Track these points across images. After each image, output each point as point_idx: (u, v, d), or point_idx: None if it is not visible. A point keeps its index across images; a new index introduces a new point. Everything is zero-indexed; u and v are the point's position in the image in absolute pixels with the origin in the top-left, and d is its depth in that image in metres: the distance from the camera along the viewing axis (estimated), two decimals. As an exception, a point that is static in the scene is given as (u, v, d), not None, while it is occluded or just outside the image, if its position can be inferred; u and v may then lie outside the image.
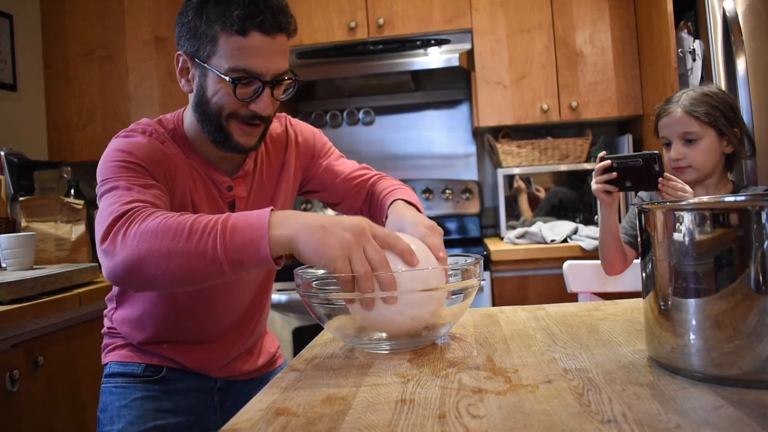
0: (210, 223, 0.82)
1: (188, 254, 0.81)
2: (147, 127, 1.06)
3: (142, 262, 0.82)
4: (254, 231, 0.80)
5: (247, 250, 0.80)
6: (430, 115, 3.09)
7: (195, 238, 0.81)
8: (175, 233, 0.82)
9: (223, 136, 1.03)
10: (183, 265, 0.81)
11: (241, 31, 0.95)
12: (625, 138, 2.66)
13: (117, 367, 1.16)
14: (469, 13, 2.63)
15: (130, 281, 0.86)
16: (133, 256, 0.83)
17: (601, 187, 1.50)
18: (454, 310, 0.88)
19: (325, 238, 0.79)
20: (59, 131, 2.78)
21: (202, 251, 0.80)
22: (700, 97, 1.52)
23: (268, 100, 1.01)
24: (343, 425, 0.59)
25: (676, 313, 0.66)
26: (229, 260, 0.80)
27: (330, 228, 0.80)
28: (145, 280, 0.84)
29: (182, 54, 1.03)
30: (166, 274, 0.82)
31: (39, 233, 1.98)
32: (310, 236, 0.79)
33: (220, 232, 0.81)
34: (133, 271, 0.84)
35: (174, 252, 0.81)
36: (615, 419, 0.56)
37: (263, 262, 0.81)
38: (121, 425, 1.11)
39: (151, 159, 1.00)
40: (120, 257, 0.84)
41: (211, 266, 0.81)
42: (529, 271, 2.31)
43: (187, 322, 1.14)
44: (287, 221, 0.81)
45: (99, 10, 2.77)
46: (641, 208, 0.71)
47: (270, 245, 0.80)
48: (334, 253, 0.78)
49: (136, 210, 0.87)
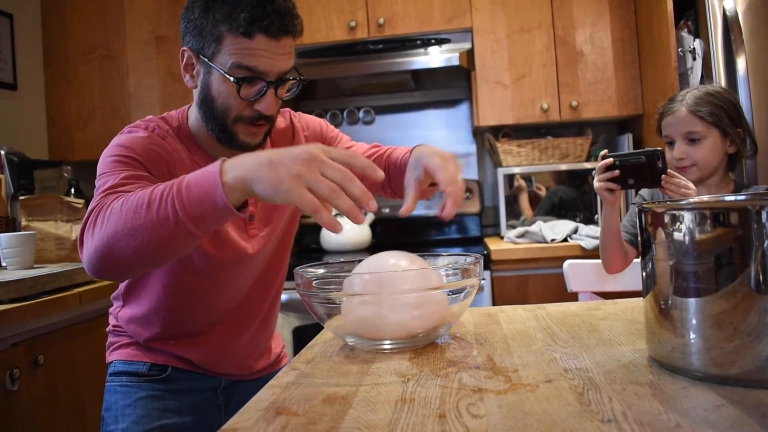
0: (166, 188, 0.81)
1: (152, 224, 0.79)
2: (150, 123, 1.06)
3: (111, 245, 0.82)
4: (207, 182, 0.78)
5: (205, 202, 0.78)
6: (431, 115, 3.08)
7: (154, 206, 0.80)
8: (136, 208, 0.81)
9: (228, 135, 1.04)
10: (150, 237, 0.80)
11: (246, 34, 0.95)
12: (625, 137, 2.66)
13: (122, 366, 1.16)
14: (469, 12, 2.63)
15: (106, 268, 0.85)
16: (102, 241, 0.82)
17: (603, 185, 1.49)
18: (455, 309, 0.88)
19: (275, 173, 0.75)
20: (59, 130, 2.78)
21: (163, 217, 0.79)
22: (704, 97, 1.52)
23: (272, 99, 1.01)
24: (343, 424, 0.59)
25: (676, 313, 0.66)
26: (191, 218, 0.78)
27: (278, 161, 0.76)
28: (119, 263, 0.83)
29: (187, 50, 1.03)
30: (136, 250, 0.81)
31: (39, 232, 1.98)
32: (261, 175, 0.76)
33: (176, 192, 0.79)
34: (105, 256, 0.83)
35: (138, 226, 0.80)
36: (615, 419, 0.56)
37: (224, 210, 0.78)
38: (125, 424, 1.11)
39: (149, 154, 1.00)
40: (92, 247, 0.84)
41: (176, 229, 0.79)
42: (530, 271, 2.31)
43: (193, 312, 1.14)
44: (237, 164, 0.78)
45: (99, 10, 2.77)
46: (641, 208, 0.71)
47: (225, 192, 0.77)
48: (287, 185, 0.74)
49: (108, 197, 0.87)
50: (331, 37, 2.68)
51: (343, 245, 2.70)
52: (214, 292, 1.13)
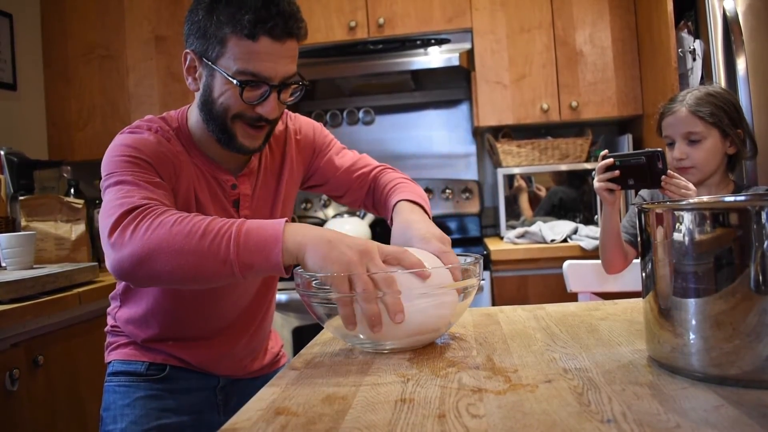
0: (225, 225, 0.84)
1: (201, 253, 0.82)
2: (153, 124, 1.06)
3: (152, 257, 0.83)
4: (269, 238, 0.82)
5: (260, 254, 0.82)
6: (430, 115, 3.08)
7: (209, 238, 0.83)
8: (189, 232, 0.83)
9: (228, 136, 1.03)
10: (193, 264, 0.83)
11: (250, 36, 0.95)
12: (625, 138, 2.66)
13: (120, 366, 1.16)
14: (469, 12, 2.63)
15: (136, 275, 0.86)
16: (143, 249, 0.84)
17: (603, 185, 1.49)
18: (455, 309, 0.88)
19: (329, 251, 0.81)
20: (59, 130, 2.78)
21: (215, 252, 0.82)
22: (704, 97, 1.52)
23: (274, 103, 1.01)
24: (342, 424, 0.59)
25: (675, 313, 0.66)
26: (240, 263, 0.82)
27: (336, 243, 0.82)
28: (151, 275, 0.85)
29: (190, 52, 1.02)
30: (174, 270, 0.83)
31: (39, 232, 1.98)
32: (316, 248, 0.81)
33: (235, 235, 0.83)
34: (141, 264, 0.84)
35: (186, 250, 0.82)
36: (615, 419, 0.56)
37: (274, 268, 0.83)
38: (124, 424, 1.11)
39: (157, 156, 1.00)
40: (129, 250, 0.85)
41: (222, 267, 0.82)
42: (529, 271, 2.31)
43: (191, 317, 1.14)
44: (300, 231, 0.83)
45: (99, 10, 2.77)
46: (641, 208, 0.71)
47: (283, 253, 0.82)
48: (333, 267, 0.80)
49: (149, 207, 0.88)
50: (331, 37, 2.68)
51: (342, 245, 2.70)
52: (215, 297, 1.13)
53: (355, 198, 1.27)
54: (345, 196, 1.27)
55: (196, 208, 1.05)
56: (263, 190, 1.16)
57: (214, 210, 1.08)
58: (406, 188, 1.15)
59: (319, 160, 1.25)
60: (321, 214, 2.90)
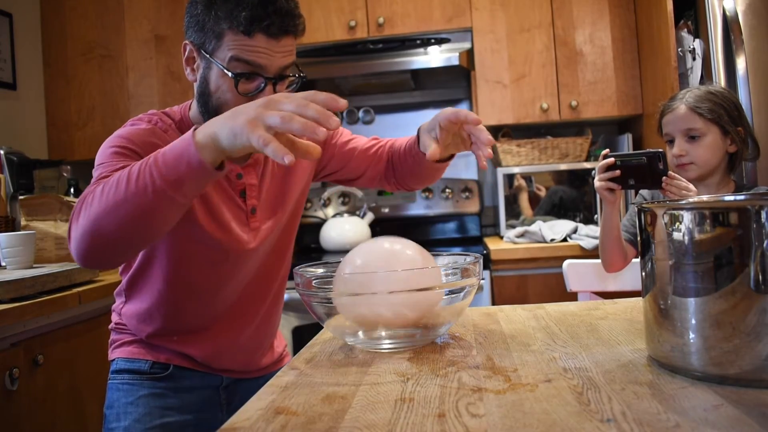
0: (143, 161, 0.83)
1: (133, 196, 0.81)
2: (153, 117, 1.08)
3: (96, 227, 0.83)
4: (181, 145, 0.81)
5: (180, 164, 0.80)
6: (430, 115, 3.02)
7: (133, 179, 0.82)
8: (117, 185, 0.83)
9: None
10: (132, 209, 0.82)
11: (246, 32, 0.97)
12: (625, 137, 2.66)
13: (124, 364, 1.16)
14: (469, 12, 2.63)
15: (93, 252, 0.86)
16: (86, 226, 0.84)
17: (604, 184, 1.49)
18: (454, 309, 0.88)
19: (234, 121, 0.77)
20: (59, 130, 2.78)
21: (142, 187, 0.81)
22: (704, 95, 1.52)
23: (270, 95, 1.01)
24: (342, 424, 0.59)
25: (675, 312, 0.66)
26: (169, 183, 0.80)
27: (239, 110, 0.78)
28: (105, 244, 0.85)
29: (189, 44, 1.04)
30: (120, 226, 0.82)
31: (39, 232, 1.98)
32: (224, 125, 0.78)
33: (152, 162, 0.82)
34: (91, 239, 0.84)
35: (119, 201, 0.82)
36: (614, 418, 0.56)
37: (199, 169, 0.80)
38: (127, 422, 1.11)
39: (147, 147, 1.01)
40: (78, 233, 0.85)
41: (157, 198, 0.81)
42: (529, 270, 2.31)
43: (196, 308, 1.14)
44: (207, 124, 0.81)
45: (99, 9, 2.77)
46: (641, 207, 0.71)
47: (198, 149, 0.79)
48: (243, 128, 0.76)
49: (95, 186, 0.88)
50: (331, 37, 2.68)
51: (342, 245, 2.70)
52: (217, 284, 1.13)
53: (375, 173, 1.28)
54: (363, 176, 1.29)
55: (200, 197, 1.06)
56: (271, 180, 1.17)
57: (220, 199, 1.09)
58: None
59: (333, 146, 1.27)
60: (321, 214, 2.90)
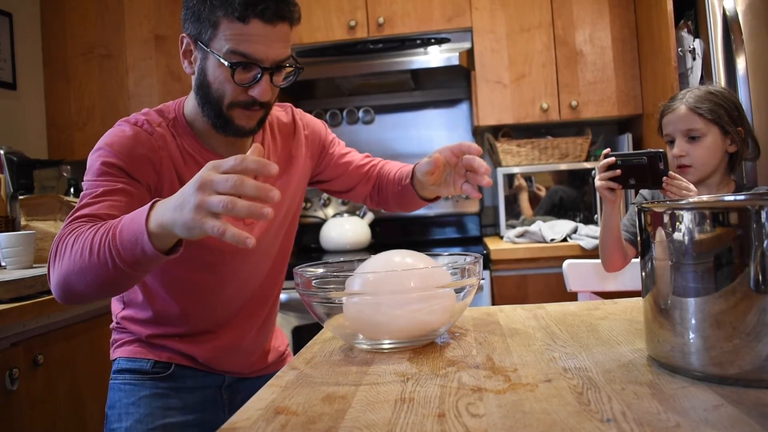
0: (104, 234, 0.84)
1: (95, 268, 0.84)
2: (138, 118, 1.08)
3: (67, 282, 0.88)
4: (136, 230, 0.80)
5: (135, 249, 0.81)
6: (430, 114, 3.08)
7: (95, 251, 0.84)
8: (81, 252, 0.85)
9: (223, 121, 1.05)
10: (96, 278, 0.85)
11: (241, 18, 0.97)
12: (625, 137, 2.66)
13: (125, 363, 1.16)
14: (468, 12, 2.63)
15: (69, 299, 0.91)
16: (59, 278, 0.89)
17: (604, 184, 1.49)
18: (454, 309, 0.88)
19: (182, 214, 0.75)
20: (59, 130, 2.78)
21: (103, 262, 0.83)
22: (704, 95, 1.52)
23: (267, 86, 1.02)
24: (342, 424, 0.59)
25: (675, 312, 0.66)
26: (126, 263, 0.82)
27: (183, 200, 0.76)
28: (78, 296, 0.90)
29: (186, 36, 1.04)
30: (87, 288, 0.87)
31: (39, 232, 1.98)
32: (176, 219, 0.76)
33: (111, 239, 0.83)
34: (64, 291, 0.90)
35: (84, 269, 0.85)
36: (614, 418, 0.56)
37: (154, 257, 0.81)
38: (129, 423, 1.11)
39: (130, 157, 1.02)
40: (54, 280, 0.90)
41: (116, 273, 0.84)
42: (529, 270, 2.31)
43: (196, 311, 1.14)
44: (160, 211, 0.79)
45: (99, 9, 2.77)
46: (641, 207, 0.71)
47: (151, 240, 0.79)
48: (194, 223, 0.74)
49: (70, 232, 0.90)
50: (331, 37, 2.68)
51: (342, 245, 2.70)
52: (217, 287, 1.13)
53: (363, 191, 1.31)
54: (353, 191, 1.31)
55: None
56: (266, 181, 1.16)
57: None
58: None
59: (329, 155, 1.29)
60: (321, 214, 2.90)
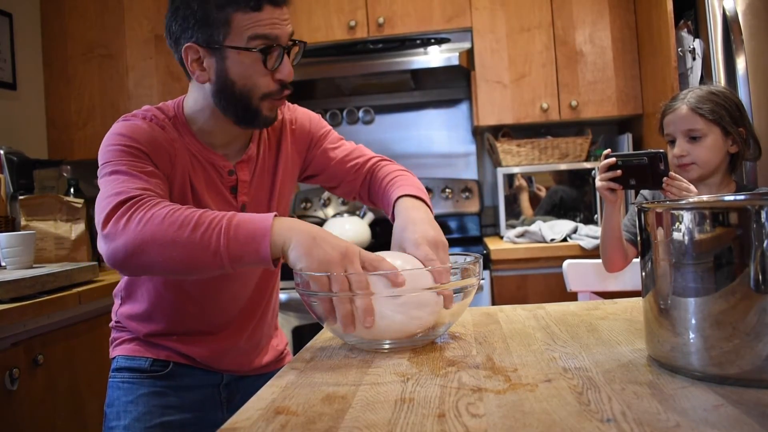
0: (216, 218, 0.86)
1: (192, 245, 0.85)
2: (147, 113, 1.07)
3: (144, 248, 0.86)
4: (258, 230, 0.85)
5: (249, 247, 0.84)
6: (430, 114, 3.08)
7: (200, 230, 0.85)
8: (181, 224, 0.85)
9: (252, 114, 1.05)
10: (184, 255, 0.85)
11: (256, 8, 0.98)
12: (625, 137, 2.66)
13: (124, 362, 1.16)
14: (468, 12, 2.63)
15: (129, 265, 0.89)
16: (135, 241, 0.86)
17: (605, 184, 1.49)
18: (454, 309, 0.88)
19: (312, 248, 0.83)
20: (59, 130, 2.77)
21: (205, 243, 0.84)
22: (706, 95, 1.52)
23: (289, 65, 1.05)
24: (342, 424, 0.59)
25: (675, 312, 0.66)
26: (230, 255, 0.84)
27: (319, 241, 0.84)
28: (143, 266, 0.88)
29: (191, 46, 1.02)
30: (166, 261, 0.86)
31: (39, 232, 1.98)
32: (301, 243, 0.84)
33: (225, 226, 0.85)
34: (133, 255, 0.87)
35: (178, 242, 0.85)
36: (614, 418, 0.56)
37: (262, 260, 0.85)
38: (127, 421, 1.11)
39: (152, 144, 1.01)
40: (122, 241, 0.87)
41: (212, 259, 0.85)
42: (529, 270, 2.31)
43: (193, 312, 1.14)
44: (288, 225, 0.86)
45: (99, 9, 2.77)
46: (641, 207, 0.71)
47: (270, 245, 0.84)
48: (313, 265, 0.82)
49: (142, 198, 0.90)
50: (331, 37, 2.68)
51: (342, 245, 2.70)
52: (217, 288, 1.13)
53: (350, 189, 1.28)
54: (339, 187, 1.28)
55: (191, 194, 1.07)
56: (261, 178, 1.17)
57: (209, 196, 1.09)
58: (405, 181, 1.16)
59: (315, 150, 1.26)
60: (321, 214, 2.90)
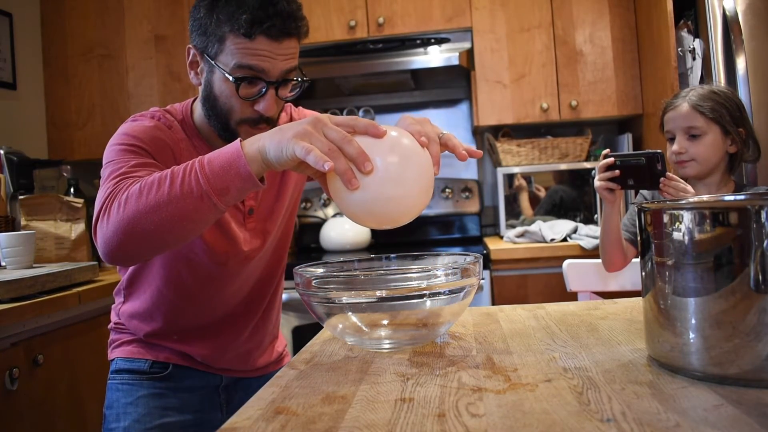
0: (188, 165, 0.84)
1: (176, 199, 0.82)
2: (155, 113, 1.08)
3: (133, 225, 0.83)
4: (230, 155, 0.82)
5: (229, 173, 0.81)
6: (430, 114, 3.08)
7: (177, 182, 0.82)
8: (158, 185, 0.83)
9: (230, 134, 1.05)
10: (174, 211, 0.82)
11: (247, 35, 0.96)
12: (625, 137, 2.66)
13: (123, 363, 1.16)
14: (468, 11, 2.63)
15: (127, 249, 0.86)
16: (122, 222, 0.84)
17: (603, 184, 1.51)
18: (454, 308, 0.88)
19: (281, 135, 0.79)
20: (59, 130, 2.78)
21: (187, 191, 0.82)
22: (707, 94, 1.53)
23: (272, 100, 1.02)
24: (342, 424, 0.59)
25: (675, 312, 0.66)
26: (215, 190, 0.81)
27: (287, 127, 0.80)
28: (140, 241, 0.85)
29: (192, 48, 1.05)
30: (159, 226, 0.83)
31: (39, 232, 1.98)
32: (272, 138, 0.80)
33: (198, 167, 0.82)
34: (126, 236, 0.84)
35: (161, 202, 0.82)
36: (614, 418, 0.56)
37: (247, 180, 0.81)
38: (127, 423, 1.11)
39: (155, 143, 1.02)
40: (110, 230, 0.85)
41: (200, 202, 0.82)
42: (529, 270, 2.31)
43: (194, 307, 1.15)
44: (255, 138, 0.83)
45: (99, 9, 2.77)
46: (641, 207, 0.71)
47: (248, 161, 0.81)
48: (291, 143, 0.77)
49: (121, 183, 0.88)
50: (331, 37, 2.68)
51: (342, 245, 2.70)
52: (217, 286, 1.13)
53: None
54: None
55: None
56: (268, 179, 1.17)
57: None
58: None
59: None
60: (321, 214, 2.90)
